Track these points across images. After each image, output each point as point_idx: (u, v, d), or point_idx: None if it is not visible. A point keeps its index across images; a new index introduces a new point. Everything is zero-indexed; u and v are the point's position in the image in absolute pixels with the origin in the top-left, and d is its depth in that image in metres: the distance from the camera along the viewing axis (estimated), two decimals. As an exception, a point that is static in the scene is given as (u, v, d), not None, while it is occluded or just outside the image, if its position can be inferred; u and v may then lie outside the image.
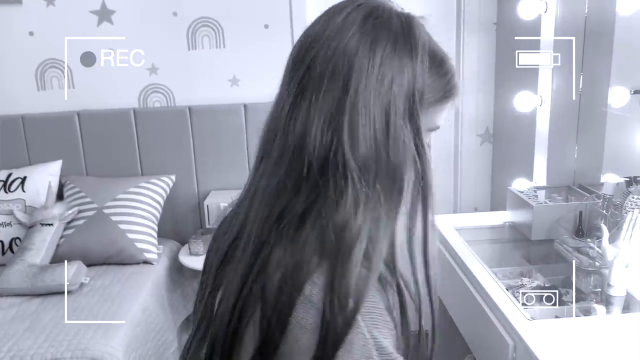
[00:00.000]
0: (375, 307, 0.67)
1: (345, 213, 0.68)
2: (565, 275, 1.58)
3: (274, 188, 0.73)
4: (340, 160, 0.69)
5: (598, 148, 1.85)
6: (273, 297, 0.69)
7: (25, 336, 1.83)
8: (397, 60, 0.71)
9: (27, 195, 2.43)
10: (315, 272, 0.67)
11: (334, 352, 0.65)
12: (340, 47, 0.71)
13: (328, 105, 0.70)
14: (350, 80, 0.70)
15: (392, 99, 0.70)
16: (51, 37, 2.54)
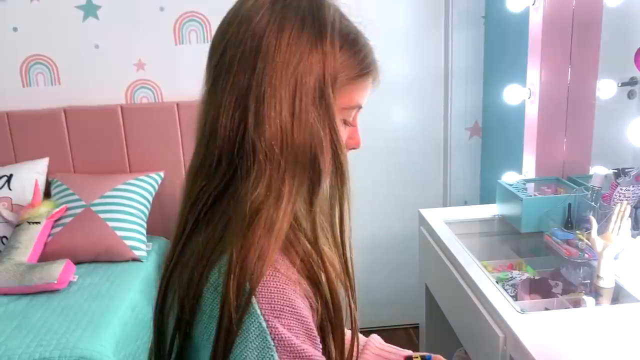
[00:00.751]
0: (280, 296, 0.67)
1: (250, 195, 0.69)
2: (554, 268, 1.58)
3: (193, 173, 0.75)
4: (248, 143, 0.70)
5: (586, 140, 1.86)
6: (184, 287, 0.71)
7: (13, 335, 1.81)
8: (305, 40, 0.71)
9: (13, 193, 2.40)
10: (222, 259, 0.68)
11: (231, 339, 0.65)
12: (249, 30, 0.71)
13: (237, 88, 0.71)
14: (257, 63, 0.70)
15: (300, 80, 0.70)
16: (36, 32, 2.51)
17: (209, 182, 0.73)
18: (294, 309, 0.67)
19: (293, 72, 0.70)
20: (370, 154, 2.81)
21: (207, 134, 0.73)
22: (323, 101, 0.72)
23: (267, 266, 0.67)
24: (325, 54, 0.71)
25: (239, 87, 0.71)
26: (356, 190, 3.00)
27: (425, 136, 2.82)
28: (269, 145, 0.70)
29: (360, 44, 0.77)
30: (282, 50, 0.70)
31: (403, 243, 2.81)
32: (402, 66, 2.75)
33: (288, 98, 0.70)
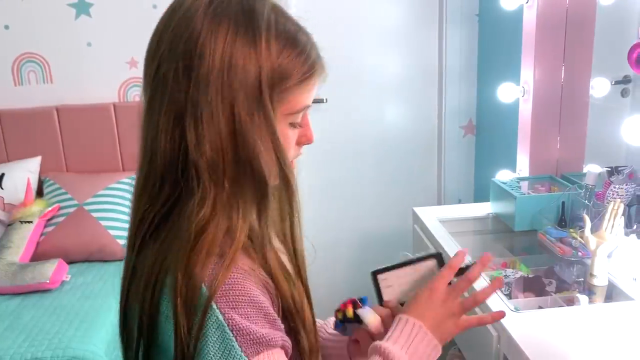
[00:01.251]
0: (234, 287, 0.67)
1: (195, 216, 0.68)
2: (548, 266, 1.58)
3: (139, 191, 0.74)
4: (190, 163, 0.68)
5: (580, 138, 1.86)
6: (141, 298, 0.71)
7: (4, 335, 1.80)
8: (240, 48, 0.68)
9: (5, 193, 2.39)
10: (171, 269, 0.67)
11: (193, 339, 0.66)
12: (181, 44, 0.68)
13: (173, 107, 0.69)
14: (192, 76, 0.68)
15: (236, 91, 0.68)
16: (28, 30, 2.49)
17: (153, 203, 0.72)
18: (249, 297, 0.67)
19: (229, 87, 0.67)
20: (364, 152, 2.81)
21: (148, 153, 0.72)
22: (262, 114, 0.69)
23: (225, 276, 0.67)
24: (261, 63, 0.68)
25: (176, 106, 0.68)
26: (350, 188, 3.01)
27: (419, 134, 2.82)
28: (211, 165, 0.68)
29: (301, 43, 0.72)
30: (216, 66, 0.67)
31: (397, 241, 2.80)
32: (396, 64, 2.75)
33: (226, 115, 0.68)
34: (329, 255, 2.89)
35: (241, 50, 0.68)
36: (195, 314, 0.65)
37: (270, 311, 0.69)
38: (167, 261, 0.69)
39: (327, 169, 2.81)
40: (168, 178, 0.70)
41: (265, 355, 0.67)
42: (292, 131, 0.77)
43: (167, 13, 0.73)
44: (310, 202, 2.83)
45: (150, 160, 0.72)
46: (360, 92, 2.74)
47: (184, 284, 0.66)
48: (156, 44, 0.72)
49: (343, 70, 2.71)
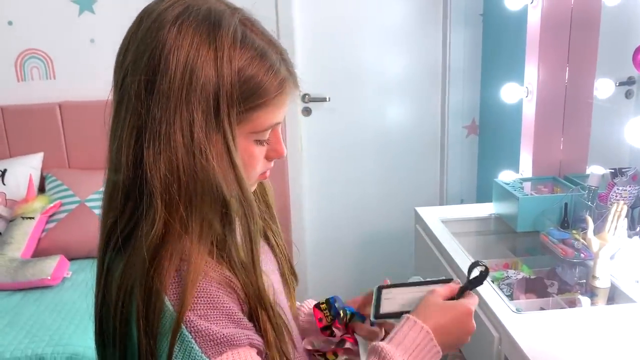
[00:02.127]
0: (204, 296, 0.66)
1: (146, 237, 0.67)
2: (550, 267, 1.58)
3: (106, 202, 0.73)
4: (147, 179, 0.67)
5: (583, 140, 1.85)
6: (113, 307, 0.70)
7: (5, 331, 1.80)
8: (201, 63, 0.66)
9: (7, 189, 2.39)
10: (134, 289, 0.67)
11: (153, 343, 0.66)
12: (145, 56, 0.67)
13: (134, 122, 0.68)
14: (153, 93, 0.66)
15: (195, 109, 0.66)
16: (31, 26, 2.49)
17: (119, 219, 0.70)
18: (208, 297, 0.67)
19: (187, 104, 0.65)
20: (367, 152, 2.80)
21: (112, 165, 0.71)
22: (220, 134, 0.67)
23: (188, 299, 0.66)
24: (222, 80, 0.66)
25: (137, 121, 0.67)
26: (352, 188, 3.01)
27: (422, 134, 2.81)
28: (164, 185, 0.66)
29: (269, 60, 0.70)
30: (176, 81, 0.65)
31: (399, 241, 2.80)
32: (400, 64, 2.74)
33: (183, 133, 0.66)
34: (331, 255, 2.88)
35: (202, 65, 0.66)
36: (156, 321, 0.65)
37: (233, 310, 0.68)
38: (129, 280, 0.68)
39: (329, 168, 2.80)
40: (131, 194, 0.69)
41: (230, 355, 0.66)
42: (259, 148, 0.74)
43: (135, 22, 0.72)
44: (312, 201, 2.83)
45: (115, 171, 0.70)
46: (363, 91, 2.74)
47: (146, 303, 0.66)
48: (123, 53, 0.71)
49: (346, 69, 2.70)
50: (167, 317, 0.65)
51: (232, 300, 0.69)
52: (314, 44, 2.66)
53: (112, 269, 0.72)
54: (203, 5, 0.69)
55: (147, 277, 0.66)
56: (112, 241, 0.71)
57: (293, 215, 2.78)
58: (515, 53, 2.22)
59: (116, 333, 0.70)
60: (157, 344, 0.66)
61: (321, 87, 2.70)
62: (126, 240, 0.70)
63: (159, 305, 0.65)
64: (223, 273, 0.69)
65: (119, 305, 0.69)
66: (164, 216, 0.67)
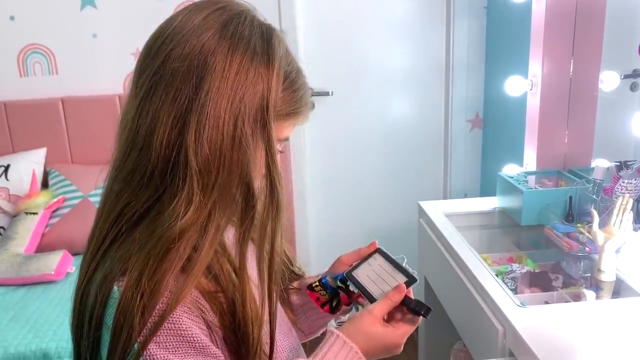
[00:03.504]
0: (174, 329, 0.66)
1: (174, 215, 0.67)
2: (555, 261, 1.57)
3: (119, 185, 0.72)
4: (182, 161, 0.68)
5: (588, 133, 1.84)
6: (92, 300, 0.69)
7: (9, 326, 1.81)
8: (254, 70, 0.71)
9: (10, 184, 2.39)
10: (129, 272, 0.66)
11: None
12: (198, 46, 0.70)
13: (178, 104, 0.69)
14: (203, 82, 0.68)
15: (244, 107, 0.70)
16: (33, 21, 2.49)
17: (137, 199, 0.70)
18: (172, 325, 0.66)
19: (239, 98, 0.69)
20: (370, 146, 2.80)
21: (138, 146, 0.70)
22: (264, 131, 0.72)
23: (184, 293, 0.66)
24: (270, 87, 0.72)
25: (180, 103, 0.68)
26: (355, 182, 3.00)
27: (425, 128, 2.80)
28: (205, 167, 0.68)
29: (299, 83, 0.78)
30: (231, 75, 0.69)
31: (402, 235, 2.79)
32: (403, 57, 2.73)
33: (230, 123, 0.69)
34: (335, 250, 2.87)
35: (255, 71, 0.71)
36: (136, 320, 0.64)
37: (198, 339, 0.67)
38: (130, 261, 0.67)
39: (332, 163, 2.80)
40: (158, 174, 0.69)
41: None
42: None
43: (177, 17, 0.73)
44: (315, 196, 2.83)
45: (139, 154, 0.70)
46: (366, 85, 2.73)
47: (143, 287, 0.65)
48: (162, 41, 0.71)
49: (349, 63, 2.69)
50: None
51: (197, 324, 0.68)
52: (316, 38, 2.65)
53: (107, 254, 0.71)
54: (252, 15, 0.76)
55: (159, 263, 0.66)
56: (122, 223, 0.70)
57: (296, 210, 2.77)
58: (519, 46, 2.21)
59: (92, 321, 0.69)
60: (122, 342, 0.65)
61: (324, 81, 2.69)
62: (136, 223, 0.70)
63: (155, 294, 0.65)
64: (195, 294, 0.69)
65: (102, 289, 0.68)
66: (197, 202, 0.68)
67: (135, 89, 0.72)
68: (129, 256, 0.67)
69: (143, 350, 0.64)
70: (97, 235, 0.73)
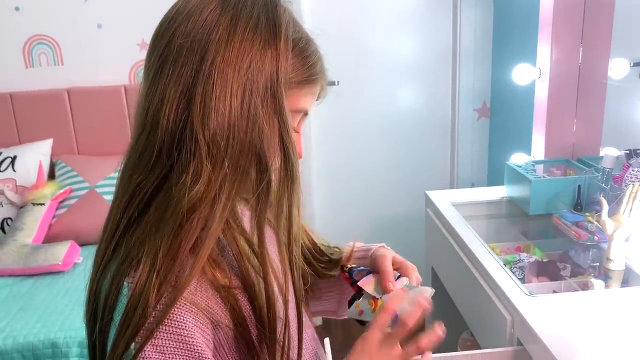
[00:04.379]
0: (175, 333, 0.64)
1: (186, 192, 0.65)
2: (563, 250, 1.56)
3: (131, 167, 0.70)
4: (189, 135, 0.66)
5: (597, 121, 1.82)
6: (105, 292, 0.67)
7: (18, 316, 1.82)
8: (259, 38, 0.68)
9: (17, 175, 2.39)
10: (142, 263, 0.64)
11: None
12: (200, 21, 0.68)
13: (184, 77, 0.67)
14: (208, 53, 0.67)
15: (252, 75, 0.67)
16: (38, 12, 2.48)
17: (147, 177, 0.68)
18: (174, 328, 0.64)
19: (246, 67, 0.67)
20: (377, 136, 2.78)
21: (148, 126, 0.69)
22: (275, 100, 0.69)
23: (192, 276, 0.64)
24: (279, 54, 0.69)
25: (186, 77, 0.67)
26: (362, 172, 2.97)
27: (432, 117, 2.78)
28: (213, 140, 0.66)
29: (310, 50, 0.76)
30: (235, 45, 0.67)
31: (409, 225, 2.79)
32: (409, 46, 2.70)
33: (238, 93, 0.67)
34: (341, 240, 2.87)
35: (261, 39, 0.69)
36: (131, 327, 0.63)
37: (198, 348, 0.65)
38: (143, 248, 0.65)
39: (339, 152, 2.79)
40: (165, 151, 0.67)
41: None
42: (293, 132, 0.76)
43: (180, 2, 0.72)
44: (322, 186, 2.82)
45: (148, 134, 0.69)
46: (373, 74, 2.71)
47: (159, 265, 0.63)
48: (167, 24, 0.71)
49: (355, 52, 2.67)
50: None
51: (202, 330, 0.66)
52: (322, 26, 2.62)
53: (124, 238, 0.69)
54: None
55: (174, 237, 0.64)
56: (135, 203, 0.68)
57: (302, 200, 2.77)
58: (527, 33, 2.19)
59: (104, 314, 0.67)
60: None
61: (330, 70, 2.65)
62: (149, 202, 0.68)
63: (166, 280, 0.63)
64: (206, 297, 0.67)
65: (119, 274, 0.66)
66: (207, 174, 0.65)
67: (146, 74, 0.72)
68: (144, 241, 0.66)
69: (142, 346, 0.62)
70: (111, 222, 0.71)
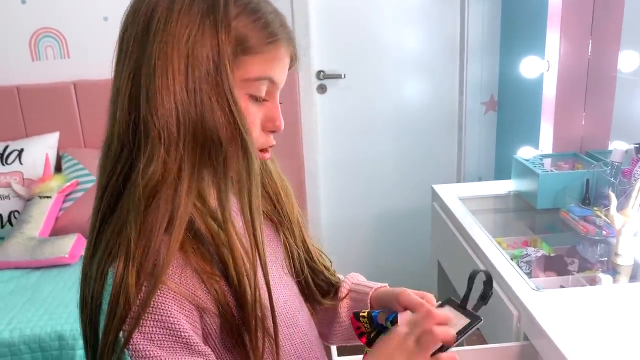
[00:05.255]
0: (161, 320, 0.63)
1: (142, 178, 0.65)
2: (571, 245, 1.55)
3: (104, 157, 0.70)
4: (142, 121, 0.65)
5: (606, 114, 1.80)
6: (92, 285, 0.67)
7: (25, 308, 1.82)
8: (196, 10, 0.66)
9: (24, 168, 2.40)
10: (119, 251, 0.64)
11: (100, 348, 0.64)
12: (143, 7, 0.68)
13: (131, 65, 0.67)
14: (149, 39, 0.66)
15: (192, 52, 0.66)
16: (44, 5, 2.48)
17: (114, 167, 0.68)
18: (159, 316, 0.63)
19: (184, 45, 0.66)
20: (383, 129, 2.77)
21: (110, 118, 0.69)
22: (218, 75, 0.66)
23: (169, 260, 0.64)
24: (218, 23, 0.67)
25: (132, 66, 0.67)
26: (368, 165, 2.97)
27: (439, 111, 2.77)
28: (162, 123, 0.65)
29: (261, 11, 0.71)
30: (172, 24, 0.66)
31: (415, 219, 2.78)
32: (416, 38, 2.69)
33: (180, 73, 0.65)
34: (347, 233, 2.87)
35: (198, 11, 0.67)
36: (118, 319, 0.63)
37: (185, 334, 0.64)
38: (121, 236, 0.65)
39: (345, 146, 2.78)
40: (125, 140, 0.67)
41: None
42: (254, 105, 0.72)
43: None
44: (328, 179, 2.81)
45: (112, 126, 0.69)
46: (379, 67, 2.70)
47: (133, 253, 0.63)
48: (125, 15, 0.71)
49: (361, 45, 2.66)
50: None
51: (187, 316, 0.65)
52: (328, 19, 2.62)
53: (103, 231, 0.70)
54: None
55: (141, 225, 0.64)
56: (108, 192, 0.69)
57: (308, 194, 2.76)
58: (535, 25, 2.16)
59: (94, 306, 0.67)
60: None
61: (336, 63, 2.66)
62: (119, 195, 0.68)
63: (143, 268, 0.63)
64: (191, 283, 0.66)
65: (100, 266, 0.67)
66: (161, 155, 0.65)
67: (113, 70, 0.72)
68: (120, 231, 0.66)
69: (130, 335, 0.62)
70: (93, 214, 0.72)
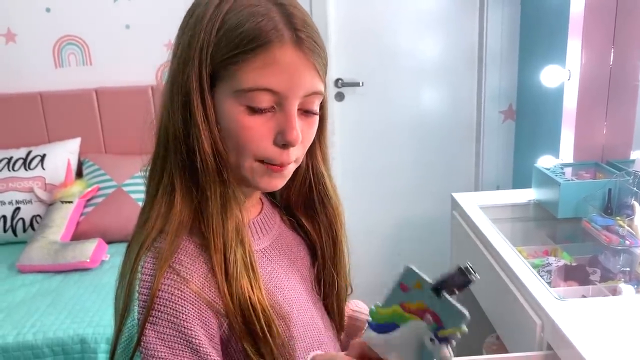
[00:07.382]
0: (163, 300, 0.64)
1: (146, 190, 0.74)
2: (592, 254, 1.54)
3: (151, 162, 0.77)
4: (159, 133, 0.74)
5: (629, 123, 1.79)
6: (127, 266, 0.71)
7: (48, 311, 1.85)
8: (188, 30, 0.70)
9: (46, 173, 2.44)
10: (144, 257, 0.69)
11: (117, 341, 0.68)
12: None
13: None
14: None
15: (180, 72, 0.70)
16: (68, 13, 2.52)
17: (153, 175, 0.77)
18: (174, 317, 0.64)
19: (177, 65, 0.71)
20: (401, 138, 2.77)
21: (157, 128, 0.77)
22: (198, 93, 0.69)
23: (162, 268, 0.66)
24: (205, 37, 0.68)
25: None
26: (386, 173, 2.97)
27: (457, 119, 2.77)
28: (162, 133, 0.72)
29: (256, 10, 0.66)
30: (181, 40, 0.72)
31: (434, 227, 2.77)
32: (435, 47, 2.69)
33: (170, 91, 0.71)
34: (366, 242, 2.87)
35: (188, 30, 0.71)
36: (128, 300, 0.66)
37: (196, 341, 0.64)
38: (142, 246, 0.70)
39: (363, 154, 2.78)
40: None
41: None
42: (254, 119, 0.68)
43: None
44: (347, 187, 2.82)
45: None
46: (397, 75, 2.70)
47: (137, 265, 0.68)
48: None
49: (380, 53, 2.67)
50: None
51: (204, 324, 0.65)
52: (347, 27, 2.63)
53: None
54: None
55: (143, 235, 0.70)
56: (146, 202, 0.77)
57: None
58: (556, 34, 2.16)
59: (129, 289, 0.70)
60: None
61: (354, 71, 2.67)
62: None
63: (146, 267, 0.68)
64: (208, 288, 0.67)
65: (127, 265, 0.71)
66: (159, 172, 0.72)
67: None
68: (138, 246, 0.72)
69: (144, 326, 0.64)
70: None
